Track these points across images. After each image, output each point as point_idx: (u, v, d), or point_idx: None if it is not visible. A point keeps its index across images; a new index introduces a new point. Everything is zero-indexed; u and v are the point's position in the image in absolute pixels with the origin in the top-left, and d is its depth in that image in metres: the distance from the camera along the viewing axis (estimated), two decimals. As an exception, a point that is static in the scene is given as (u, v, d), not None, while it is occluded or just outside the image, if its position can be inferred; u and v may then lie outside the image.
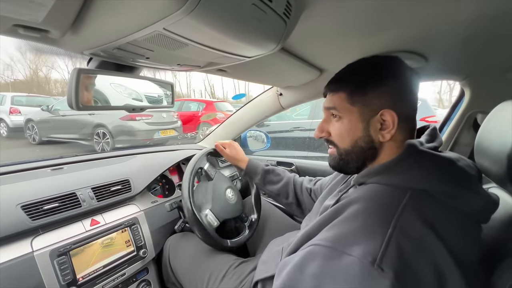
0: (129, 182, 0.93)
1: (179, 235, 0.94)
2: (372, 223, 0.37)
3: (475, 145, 0.54)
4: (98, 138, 4.86)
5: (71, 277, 0.68)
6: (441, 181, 0.40)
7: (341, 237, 0.38)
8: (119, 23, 0.37)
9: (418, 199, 0.39)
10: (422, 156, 0.43)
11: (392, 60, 0.48)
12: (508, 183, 0.44)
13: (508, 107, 0.49)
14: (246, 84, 23.68)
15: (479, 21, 0.50)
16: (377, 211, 0.39)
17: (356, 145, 0.47)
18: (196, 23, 0.35)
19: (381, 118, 0.44)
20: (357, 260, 0.34)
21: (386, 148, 0.46)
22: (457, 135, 1.03)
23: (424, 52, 0.68)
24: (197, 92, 26.42)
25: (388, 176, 0.43)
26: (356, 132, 0.46)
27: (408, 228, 0.36)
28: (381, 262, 0.33)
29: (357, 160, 0.48)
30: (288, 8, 0.42)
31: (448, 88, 15.96)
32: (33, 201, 0.70)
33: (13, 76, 19.39)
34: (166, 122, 5.23)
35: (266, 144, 1.59)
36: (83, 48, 0.47)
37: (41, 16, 0.34)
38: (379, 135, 0.45)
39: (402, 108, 0.45)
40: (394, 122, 0.44)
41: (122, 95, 0.59)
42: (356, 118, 0.46)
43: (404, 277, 0.33)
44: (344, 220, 0.40)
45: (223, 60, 0.56)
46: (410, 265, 0.34)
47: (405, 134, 0.46)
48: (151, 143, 4.88)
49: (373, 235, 0.36)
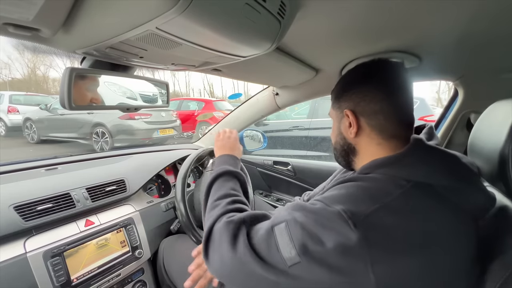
0: (124, 182, 0.93)
1: (173, 238, 0.93)
2: (364, 196, 0.39)
3: (468, 144, 0.55)
4: (97, 137, 4.83)
5: (65, 278, 0.67)
6: (445, 175, 0.41)
7: (333, 197, 0.41)
8: (111, 22, 0.37)
9: (419, 190, 0.39)
10: (428, 150, 0.44)
11: (367, 65, 0.51)
12: (500, 182, 0.45)
13: (501, 107, 0.49)
14: (245, 84, 23.70)
15: (473, 22, 0.50)
16: (374, 189, 0.40)
17: (337, 142, 0.55)
18: (189, 23, 0.34)
19: (347, 117, 0.50)
20: (337, 211, 0.37)
21: (364, 144, 0.50)
22: (451, 135, 1.04)
23: (418, 53, 0.69)
24: (196, 91, 26.31)
25: (393, 168, 0.43)
26: (335, 131, 0.55)
27: (399, 209, 0.37)
28: (358, 221, 0.35)
29: (341, 154, 0.55)
30: (282, 8, 0.42)
31: (446, 87, 16.14)
32: (26, 202, 0.69)
33: (11, 74, 19.11)
34: (165, 121, 5.23)
35: (263, 143, 1.59)
36: (75, 47, 0.47)
37: (32, 15, 0.33)
38: (348, 132, 0.51)
39: (364, 107, 0.48)
40: (353, 121, 0.49)
41: (116, 94, 0.59)
42: (335, 119, 0.55)
43: (373, 243, 0.34)
44: (342, 187, 0.43)
45: (218, 59, 0.55)
46: (387, 238, 0.35)
47: (380, 131, 0.48)
48: (150, 142, 4.86)
49: (361, 203, 0.37)
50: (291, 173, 1.52)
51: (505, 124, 0.43)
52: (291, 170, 1.51)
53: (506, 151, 0.42)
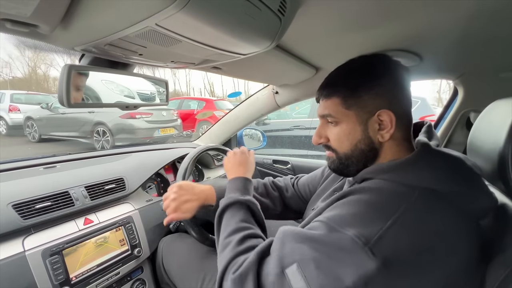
0: (123, 180, 0.92)
1: (172, 237, 0.93)
2: (373, 213, 0.37)
3: (468, 143, 0.55)
4: (98, 136, 4.84)
5: (64, 277, 0.67)
6: (453, 180, 0.40)
7: (339, 218, 0.38)
8: (110, 18, 0.36)
9: (426, 198, 0.38)
10: (435, 155, 0.43)
11: (381, 59, 0.47)
12: (499, 181, 0.45)
13: (500, 106, 0.49)
14: (246, 83, 23.54)
15: (473, 21, 0.50)
16: (382, 203, 0.38)
17: (356, 148, 0.46)
18: (188, 19, 0.34)
19: (378, 119, 0.44)
20: (350, 238, 0.34)
21: (386, 148, 0.46)
22: (450, 134, 1.04)
23: (419, 51, 0.69)
24: (197, 90, 26.29)
25: (399, 174, 0.42)
26: (356, 135, 0.46)
27: (410, 224, 0.35)
28: (374, 246, 0.33)
29: (357, 163, 0.47)
30: (282, 5, 0.41)
31: (447, 87, 16.25)
32: (25, 200, 0.69)
33: (12, 73, 19.07)
34: (166, 120, 5.24)
35: (262, 142, 1.59)
36: (74, 44, 0.46)
37: (30, 11, 0.33)
38: (378, 136, 0.45)
39: (398, 106, 0.45)
40: (392, 122, 0.43)
41: (114, 92, 0.59)
42: (354, 122, 0.46)
43: (393, 267, 0.33)
44: (345, 203, 0.41)
45: (217, 57, 0.55)
46: (404, 259, 0.34)
47: (403, 132, 0.46)
48: (151, 141, 4.87)
49: (372, 223, 0.36)
50: (290, 172, 1.52)
51: (504, 123, 0.43)
52: (290, 169, 1.51)
53: (506, 150, 0.41)
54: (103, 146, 4.76)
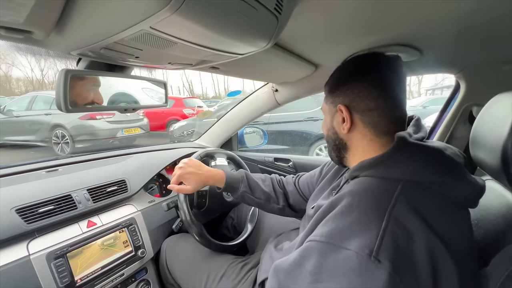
0: (125, 182, 0.93)
1: (176, 237, 0.94)
2: (366, 216, 0.38)
3: (471, 138, 0.54)
4: (56, 139, 4.50)
5: (69, 279, 0.68)
6: (431, 171, 0.41)
7: (337, 232, 0.38)
8: (104, 22, 0.36)
9: (409, 190, 0.40)
10: (412, 147, 0.44)
11: (362, 59, 0.50)
12: (502, 175, 0.44)
13: (503, 99, 0.49)
14: (225, 79, 23.05)
15: (474, 14, 0.49)
16: (371, 204, 0.39)
17: (328, 136, 0.55)
18: (183, 21, 0.34)
19: (340, 113, 0.49)
20: (354, 253, 0.35)
21: (354, 141, 0.50)
22: (453, 128, 1.03)
23: (419, 46, 0.68)
24: (175, 88, 25.14)
25: (380, 169, 0.44)
26: (326, 124, 0.55)
27: (401, 219, 0.37)
28: (378, 253, 0.34)
29: (333, 149, 0.55)
30: (279, 4, 0.41)
31: (417, 80, 17.09)
32: (28, 204, 0.70)
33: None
34: (130, 120, 4.94)
35: (264, 140, 1.59)
36: (70, 49, 0.46)
37: (22, 17, 0.33)
38: (341, 128, 0.50)
39: (362, 104, 0.47)
40: (347, 116, 0.48)
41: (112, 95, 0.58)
42: (327, 113, 0.55)
43: (401, 268, 0.33)
44: (338, 214, 0.41)
45: (215, 57, 0.55)
46: (406, 255, 0.35)
47: (376, 128, 0.47)
48: (115, 141, 4.63)
49: (369, 228, 0.36)
50: (292, 169, 1.51)
51: (507, 117, 0.42)
52: (292, 167, 1.51)
53: (508, 144, 0.41)
54: (62, 149, 4.43)
